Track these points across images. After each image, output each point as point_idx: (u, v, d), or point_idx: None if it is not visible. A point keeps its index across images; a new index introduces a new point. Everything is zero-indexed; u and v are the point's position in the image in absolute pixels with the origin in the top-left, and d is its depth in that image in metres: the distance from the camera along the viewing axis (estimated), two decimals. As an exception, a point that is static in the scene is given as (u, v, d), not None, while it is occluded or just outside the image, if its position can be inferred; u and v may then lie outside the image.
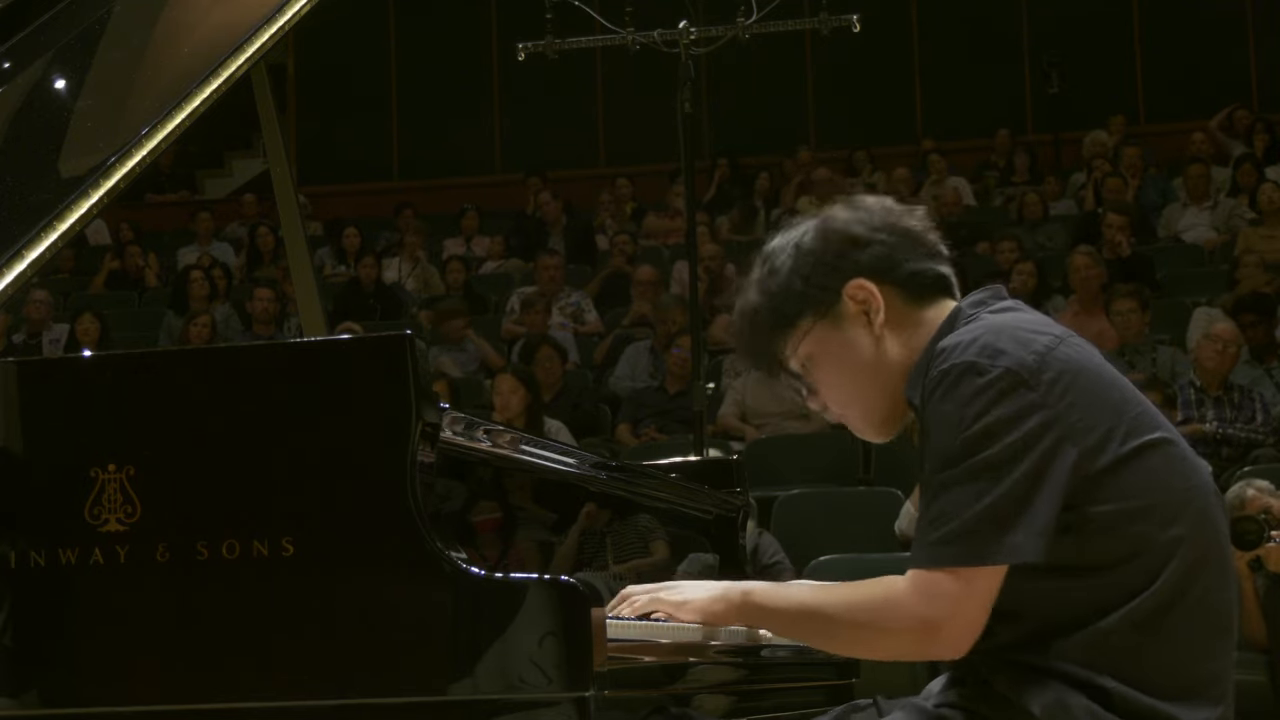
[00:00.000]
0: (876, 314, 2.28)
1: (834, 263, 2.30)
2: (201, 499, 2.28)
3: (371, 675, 2.19)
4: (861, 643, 2.24)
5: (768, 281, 2.35)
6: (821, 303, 2.30)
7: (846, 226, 2.33)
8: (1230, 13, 13.75)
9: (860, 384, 2.32)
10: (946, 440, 2.11)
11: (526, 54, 6.04)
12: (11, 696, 2.31)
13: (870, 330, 2.28)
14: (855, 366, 2.31)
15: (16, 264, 2.57)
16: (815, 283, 2.30)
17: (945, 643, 2.12)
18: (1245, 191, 11.10)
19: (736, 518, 3.46)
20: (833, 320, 2.30)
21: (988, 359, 2.10)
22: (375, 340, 2.34)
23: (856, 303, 2.28)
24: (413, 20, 15.14)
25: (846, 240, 2.31)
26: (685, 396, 7.73)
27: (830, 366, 2.33)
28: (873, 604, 2.16)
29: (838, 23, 5.86)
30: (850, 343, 2.30)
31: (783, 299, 2.32)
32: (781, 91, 14.22)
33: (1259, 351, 8.03)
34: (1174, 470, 2.16)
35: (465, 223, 13.01)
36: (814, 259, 2.31)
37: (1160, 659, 2.11)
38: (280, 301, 10.37)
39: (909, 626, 2.12)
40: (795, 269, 2.32)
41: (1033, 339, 2.14)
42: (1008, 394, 2.08)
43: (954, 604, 2.08)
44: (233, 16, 3.16)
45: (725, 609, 2.37)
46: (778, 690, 2.97)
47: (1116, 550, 2.11)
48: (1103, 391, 2.15)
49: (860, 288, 2.28)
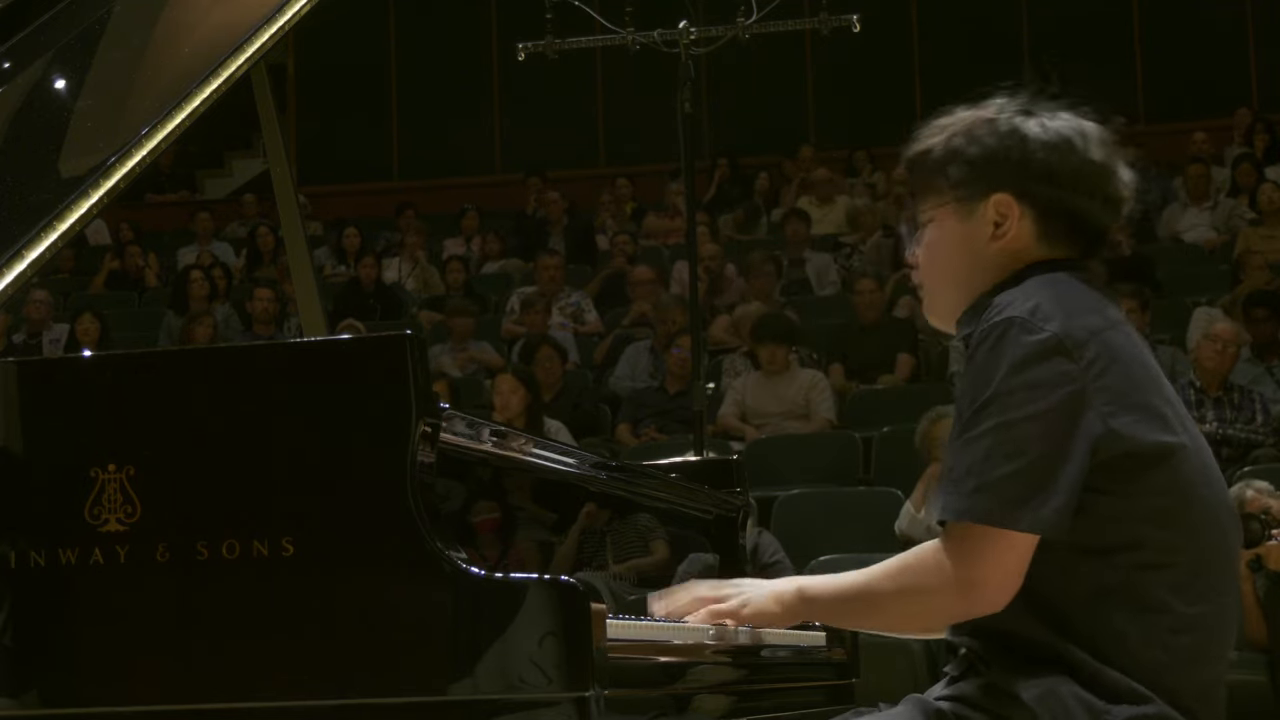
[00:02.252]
0: (1003, 234, 2.28)
1: (1009, 162, 2.27)
2: (201, 499, 2.28)
3: (371, 675, 2.19)
4: (909, 610, 2.25)
5: (957, 138, 2.31)
6: (967, 191, 2.29)
7: (1050, 140, 2.27)
8: (1231, 14, 13.75)
9: (950, 273, 2.34)
10: (982, 389, 2.12)
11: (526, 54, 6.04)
12: (11, 696, 2.31)
13: (989, 240, 2.28)
14: (956, 258, 2.32)
15: (16, 264, 2.57)
16: (977, 162, 2.28)
17: (986, 596, 2.12)
18: (1245, 191, 11.11)
19: (736, 518, 3.46)
20: (966, 210, 2.30)
21: (1039, 319, 2.12)
22: (375, 340, 2.34)
23: (995, 213, 2.28)
24: (413, 20, 15.15)
25: (1044, 146, 2.26)
26: (685, 396, 7.73)
27: (938, 243, 2.34)
28: (913, 568, 2.19)
29: (838, 23, 5.86)
30: (966, 239, 2.30)
31: (947, 152, 2.30)
32: (781, 91, 14.22)
33: (1263, 349, 8.03)
34: (1191, 477, 2.17)
35: (465, 223, 13.01)
36: (994, 142, 2.27)
37: (1154, 657, 2.12)
38: (280, 301, 10.37)
39: (948, 583, 2.13)
40: (979, 135, 2.28)
41: (1086, 316, 2.16)
42: (1047, 358, 2.10)
43: (989, 558, 2.10)
44: (233, 16, 3.16)
45: (780, 609, 2.39)
46: (778, 690, 2.97)
47: (1117, 538, 2.12)
48: (1139, 383, 2.16)
49: (1007, 206, 2.27)
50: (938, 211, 2.33)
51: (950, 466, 2.14)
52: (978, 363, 2.15)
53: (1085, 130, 2.29)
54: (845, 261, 11.26)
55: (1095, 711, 2.09)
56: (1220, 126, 12.66)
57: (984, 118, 2.30)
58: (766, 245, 11.21)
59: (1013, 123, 2.28)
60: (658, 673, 2.47)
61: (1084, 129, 2.29)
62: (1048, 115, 2.30)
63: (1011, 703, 2.12)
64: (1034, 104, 2.32)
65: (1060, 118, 2.30)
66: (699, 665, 2.56)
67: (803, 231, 11.43)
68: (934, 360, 9.24)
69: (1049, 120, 2.29)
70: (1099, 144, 2.29)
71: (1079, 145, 2.27)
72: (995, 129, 2.28)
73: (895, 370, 8.97)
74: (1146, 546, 2.12)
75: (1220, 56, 13.68)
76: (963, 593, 2.13)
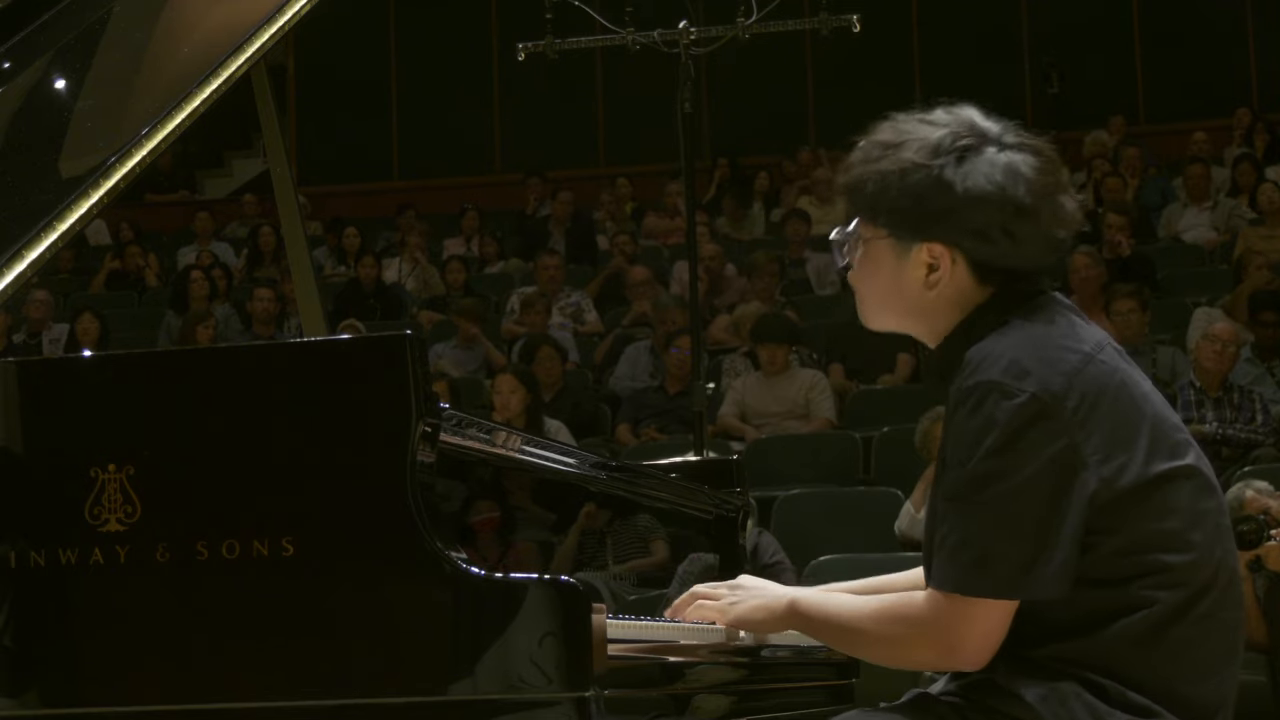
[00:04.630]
0: (936, 282, 2.26)
1: (939, 214, 2.22)
2: (201, 499, 2.28)
3: (371, 675, 2.19)
4: (889, 655, 2.28)
5: (886, 162, 2.25)
6: (903, 232, 2.26)
7: (980, 194, 2.20)
8: (1231, 13, 13.74)
9: (885, 301, 2.34)
10: (968, 460, 2.11)
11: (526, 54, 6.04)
12: (12, 696, 2.31)
13: (924, 288, 2.27)
14: (891, 292, 2.31)
15: (16, 264, 2.57)
16: (911, 214, 2.24)
17: (965, 659, 2.15)
18: (1245, 191, 11.11)
19: (736, 518, 3.46)
20: (900, 249, 2.27)
21: (1014, 380, 2.10)
22: (375, 340, 2.34)
23: (929, 257, 2.26)
24: (413, 20, 15.15)
25: (971, 201, 2.20)
26: (685, 396, 7.72)
27: (871, 272, 2.33)
28: (900, 618, 2.20)
29: (838, 23, 5.85)
30: (898, 277, 2.29)
31: (880, 191, 2.26)
32: (781, 91, 14.22)
33: (1265, 350, 8.03)
34: (1194, 499, 2.17)
35: (465, 223, 13.00)
36: (926, 194, 2.22)
37: (1158, 670, 2.12)
38: (280, 301, 10.37)
39: (930, 643, 2.16)
40: (911, 183, 2.23)
41: (1062, 358, 2.14)
42: (1031, 424, 2.08)
43: (972, 627, 2.12)
44: (233, 16, 3.16)
45: (767, 617, 2.41)
46: (778, 690, 2.97)
47: (1127, 570, 2.12)
48: (1128, 415, 2.14)
49: (939, 256, 2.25)
50: (874, 241, 2.30)
51: (944, 534, 2.14)
52: (959, 427, 2.14)
53: (1018, 171, 2.21)
54: (845, 261, 11.25)
55: (1098, 713, 2.09)
56: (1220, 126, 12.66)
57: (917, 162, 2.23)
58: (766, 245, 11.21)
59: (943, 174, 2.21)
60: (658, 673, 2.47)
61: (1016, 169, 2.21)
62: (984, 156, 2.22)
63: (1014, 701, 2.13)
64: (972, 136, 2.24)
65: (994, 156, 2.21)
66: (699, 665, 2.56)
67: (803, 231, 11.43)
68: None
69: (981, 166, 2.21)
70: (1033, 185, 2.21)
71: (1011, 193, 2.19)
72: (928, 179, 2.21)
73: (895, 370, 8.96)
74: (1156, 571, 2.12)
75: (1220, 56, 13.68)
76: (943, 655, 2.17)
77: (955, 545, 2.12)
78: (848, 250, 2.36)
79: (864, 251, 2.33)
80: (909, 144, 2.25)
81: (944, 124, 2.27)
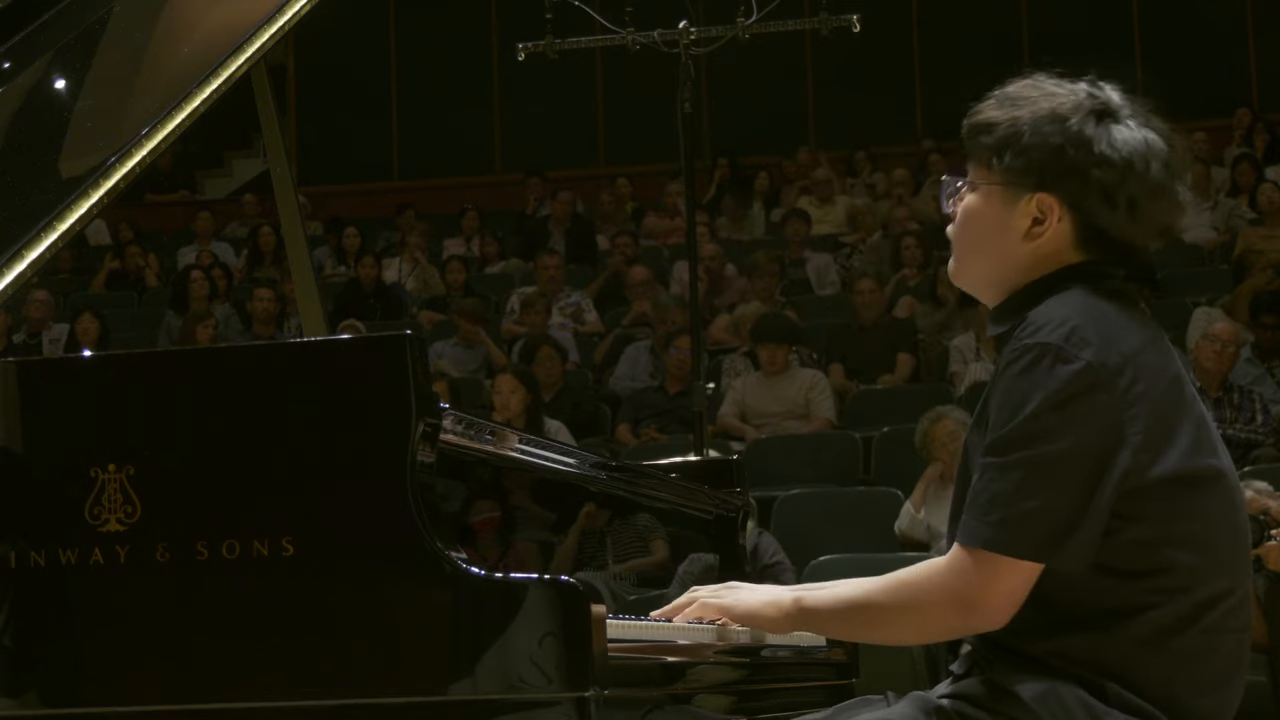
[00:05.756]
0: (1039, 234, 2.24)
1: (1068, 168, 2.20)
2: (201, 499, 2.28)
3: (371, 675, 2.19)
4: (906, 623, 2.25)
5: (1024, 110, 2.23)
6: (1021, 179, 2.23)
7: (1113, 158, 2.18)
8: (1231, 13, 13.75)
9: (981, 249, 2.30)
10: (1013, 418, 2.10)
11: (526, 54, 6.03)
12: (12, 696, 2.31)
13: (1023, 238, 2.24)
14: (989, 239, 2.28)
15: (16, 264, 2.57)
16: (1041, 162, 2.21)
17: (983, 615, 2.13)
18: (1245, 191, 11.11)
19: (736, 518, 3.46)
20: (1009, 196, 2.25)
21: (1074, 347, 2.09)
22: (375, 340, 2.34)
23: (1037, 209, 2.23)
24: (413, 20, 15.14)
25: (1108, 162, 2.18)
26: (685, 396, 7.72)
27: (975, 216, 2.30)
28: (912, 583, 2.19)
29: (838, 23, 5.85)
30: (1001, 224, 2.26)
31: (1011, 135, 2.23)
32: (781, 92, 14.21)
33: (1266, 350, 8.02)
34: (1221, 506, 2.16)
35: (465, 223, 13.00)
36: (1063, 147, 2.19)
37: (1160, 677, 2.11)
38: (280, 301, 10.37)
39: (946, 599, 2.13)
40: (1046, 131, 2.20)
41: (1123, 337, 2.13)
42: (1082, 393, 2.07)
43: (993, 582, 2.10)
44: (233, 16, 3.16)
45: (776, 614, 2.39)
46: (778, 690, 2.97)
47: (1142, 563, 2.11)
48: (1176, 407, 2.14)
49: (1049, 207, 2.23)
50: (982, 185, 2.28)
51: (976, 490, 2.12)
52: (1009, 384, 2.12)
53: (1154, 148, 2.22)
54: (845, 261, 11.26)
55: (1095, 713, 2.09)
56: (1220, 126, 12.65)
57: (1058, 113, 2.21)
58: (766, 245, 11.21)
59: (1083, 130, 2.20)
60: (658, 673, 2.47)
61: (1152, 146, 2.22)
62: (1122, 124, 2.22)
63: (1012, 701, 2.12)
64: (1115, 103, 2.24)
65: (1133, 129, 2.22)
66: (699, 665, 2.56)
67: (803, 231, 11.43)
68: (934, 360, 9.24)
69: (1121, 132, 2.21)
70: (1163, 164, 2.22)
71: (1140, 167, 2.20)
72: (1065, 130, 2.20)
73: (895, 370, 8.97)
74: (1173, 571, 2.12)
75: (1220, 56, 13.68)
76: (964, 612, 2.14)
77: (988, 502, 2.10)
78: (952, 198, 2.34)
79: (970, 198, 2.30)
80: (1048, 97, 2.24)
81: (1078, 89, 2.26)
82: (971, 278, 2.35)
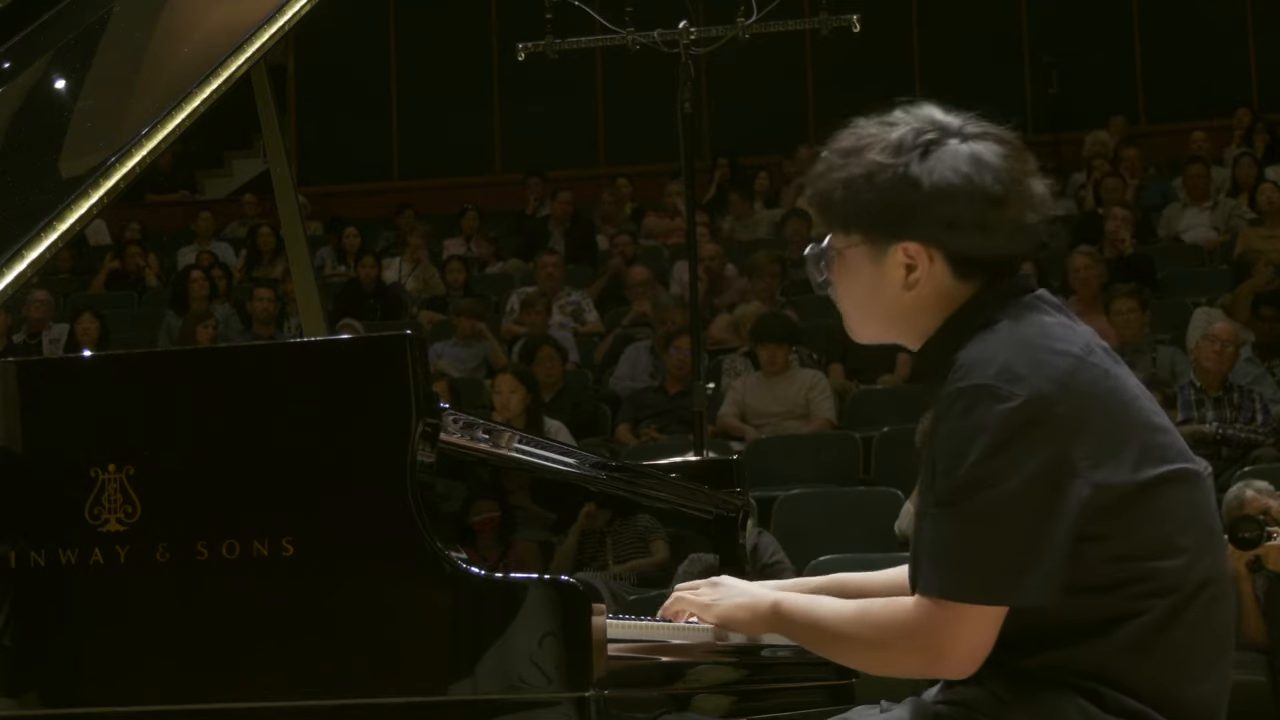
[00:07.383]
0: (915, 282, 2.24)
1: (909, 211, 2.20)
2: (201, 499, 2.28)
3: (371, 675, 2.19)
4: (873, 660, 2.25)
5: (851, 168, 2.23)
6: (876, 235, 2.24)
7: (946, 187, 2.18)
8: (1230, 13, 13.74)
9: (869, 310, 2.31)
10: (956, 465, 2.08)
11: (526, 54, 6.03)
12: (12, 696, 2.31)
13: (903, 289, 2.24)
14: (872, 298, 2.28)
15: (16, 264, 2.57)
16: (882, 215, 2.21)
17: (951, 666, 2.13)
18: (1245, 191, 11.11)
19: (736, 518, 3.46)
20: (876, 254, 2.25)
21: (1007, 384, 2.07)
22: (375, 340, 2.34)
23: (905, 257, 2.23)
24: (413, 20, 15.15)
25: (939, 194, 2.18)
26: (685, 396, 7.72)
27: (851, 281, 2.30)
28: (880, 623, 2.17)
29: (838, 23, 5.85)
30: (880, 280, 2.26)
31: (849, 198, 2.23)
32: (781, 92, 14.21)
33: (1266, 348, 8.03)
34: (1184, 503, 2.15)
35: (465, 223, 13.01)
36: (894, 193, 2.19)
37: (1152, 676, 2.11)
38: (280, 301, 10.37)
39: (916, 649, 2.13)
40: (878, 184, 2.21)
41: (1053, 362, 2.11)
42: (1022, 430, 2.05)
43: (960, 634, 2.09)
44: (233, 16, 3.16)
45: (749, 618, 2.39)
46: (778, 690, 2.97)
47: (1118, 576, 2.11)
48: (1119, 421, 2.12)
49: (915, 254, 2.22)
50: (849, 250, 2.28)
51: (930, 540, 2.11)
52: (948, 431, 2.11)
53: (984, 161, 2.20)
54: (845, 262, 11.25)
55: (1091, 717, 2.09)
56: (1220, 126, 12.66)
57: (883, 162, 2.21)
58: (767, 245, 11.21)
59: (909, 170, 2.19)
60: (658, 673, 2.47)
61: (982, 160, 2.20)
62: (947, 147, 2.20)
63: (1011, 708, 2.12)
64: (934, 130, 2.22)
65: (958, 147, 2.20)
66: (699, 665, 2.56)
67: (803, 231, 11.42)
68: (934, 360, 9.22)
69: (944, 158, 2.19)
70: (999, 172, 2.20)
71: (971, 186, 2.18)
72: (895, 177, 2.19)
73: (895, 370, 8.96)
74: (1150, 578, 2.11)
75: (1220, 56, 13.68)
76: (929, 662, 2.14)
77: (942, 551, 2.09)
78: (824, 266, 2.34)
79: (841, 263, 2.30)
80: (870, 146, 2.23)
81: (903, 122, 2.25)
82: (872, 336, 2.35)
